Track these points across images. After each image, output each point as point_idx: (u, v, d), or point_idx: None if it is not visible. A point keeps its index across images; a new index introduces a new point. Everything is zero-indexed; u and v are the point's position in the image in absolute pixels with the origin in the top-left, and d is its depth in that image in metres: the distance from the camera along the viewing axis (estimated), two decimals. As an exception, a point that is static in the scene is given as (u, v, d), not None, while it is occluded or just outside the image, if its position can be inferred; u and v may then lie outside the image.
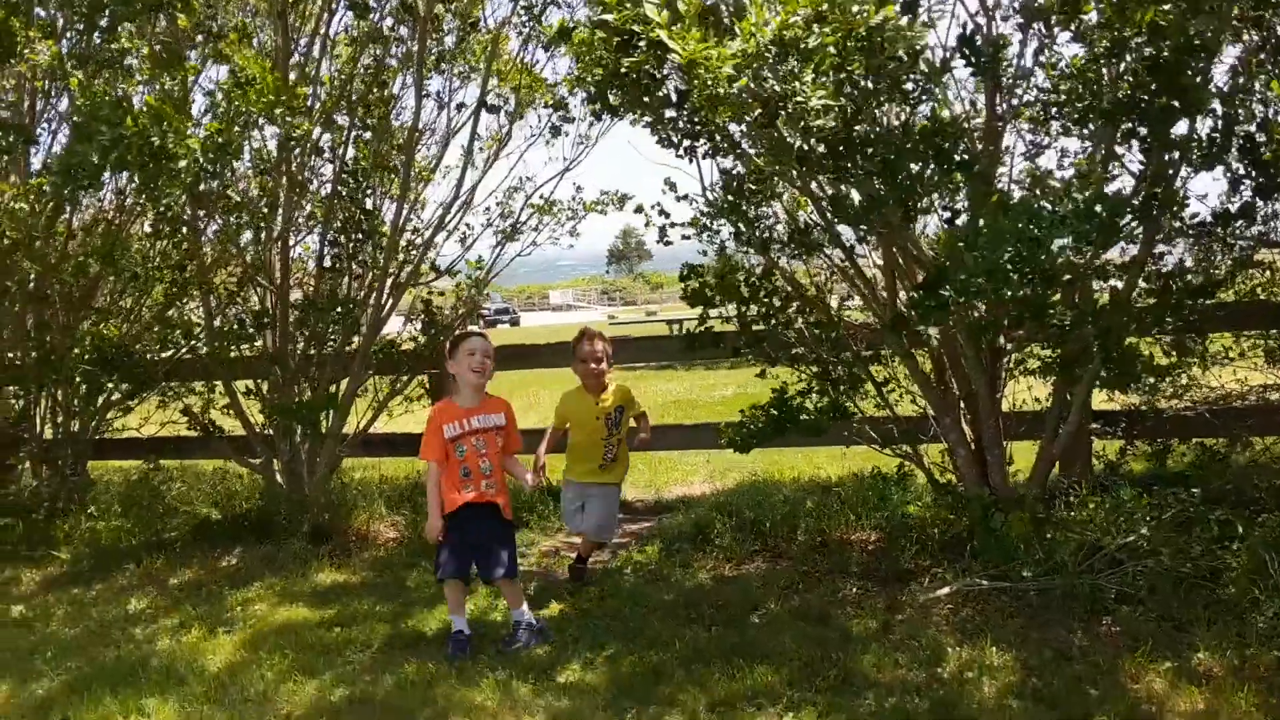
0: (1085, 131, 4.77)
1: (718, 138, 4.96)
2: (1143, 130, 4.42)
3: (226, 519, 6.66)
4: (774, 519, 5.86)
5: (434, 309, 7.07)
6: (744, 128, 4.83)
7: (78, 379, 6.49)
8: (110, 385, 6.61)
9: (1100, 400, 5.90)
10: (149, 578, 5.96)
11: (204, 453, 7.68)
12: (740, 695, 3.89)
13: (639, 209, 5.76)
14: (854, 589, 4.95)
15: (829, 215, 5.25)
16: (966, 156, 4.29)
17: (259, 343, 6.60)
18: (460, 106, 6.56)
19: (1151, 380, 4.95)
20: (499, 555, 4.65)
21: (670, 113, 4.88)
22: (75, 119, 4.89)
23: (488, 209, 7.04)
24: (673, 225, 5.79)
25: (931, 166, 4.12)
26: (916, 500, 5.97)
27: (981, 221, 3.69)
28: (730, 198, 5.21)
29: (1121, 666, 3.89)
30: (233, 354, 6.42)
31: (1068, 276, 4.23)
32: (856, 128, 4.28)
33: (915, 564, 5.14)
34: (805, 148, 4.52)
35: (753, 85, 4.18)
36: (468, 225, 6.98)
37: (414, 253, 6.73)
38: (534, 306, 69.02)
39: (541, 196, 7.13)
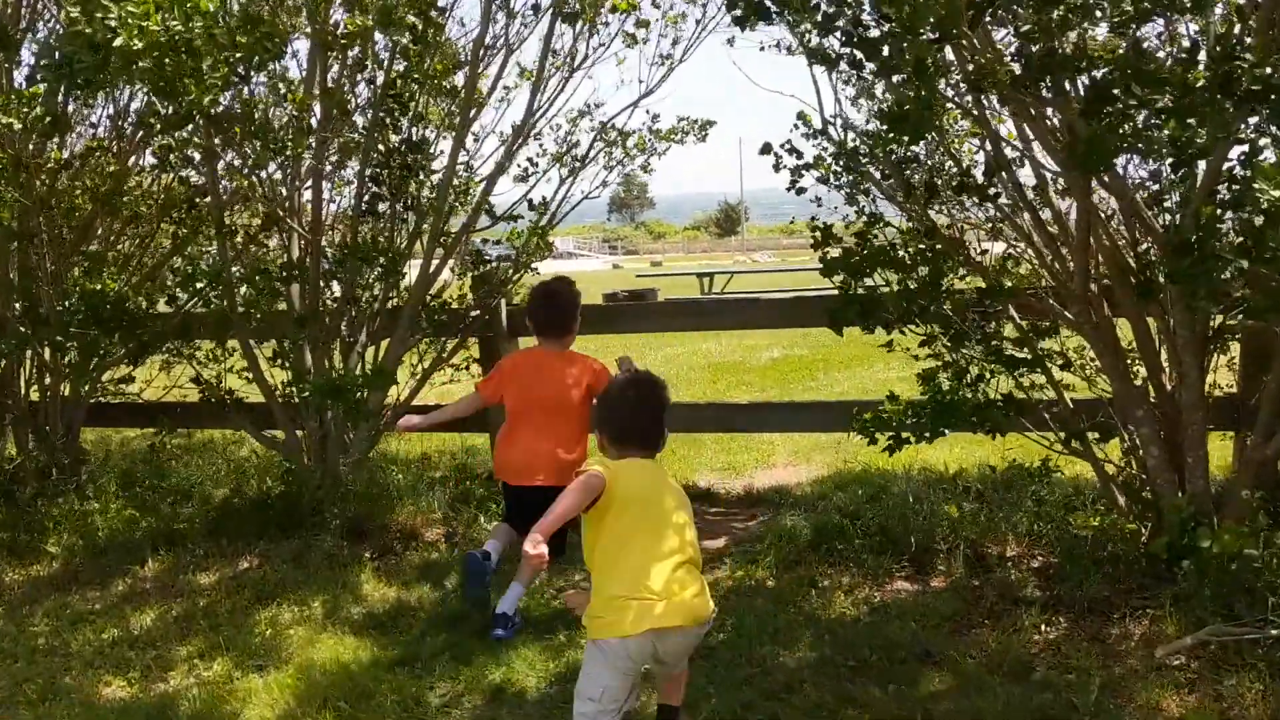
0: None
1: (888, 50, 3.87)
2: None
3: (245, 506, 5.63)
4: (912, 526, 4.85)
5: (487, 261, 6.01)
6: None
7: (66, 339, 5.42)
8: (108, 346, 5.55)
9: None
10: (156, 582, 4.94)
11: (214, 421, 6.67)
12: (954, 794, 2.91)
13: (766, 148, 4.68)
14: (1043, 626, 3.96)
15: (1002, 155, 4.23)
16: None
17: (281, 299, 5.53)
18: (535, 7, 5.38)
19: None
20: None
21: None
22: (69, 12, 3.76)
23: (552, 140, 5.95)
24: (806, 168, 4.74)
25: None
26: (1081, 505, 5.02)
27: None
28: (885, 130, 4.13)
29: None
30: (254, 310, 5.36)
31: None
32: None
33: (1102, 590, 4.16)
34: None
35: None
36: (530, 160, 5.89)
37: (473, 192, 5.67)
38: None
39: (614, 127, 6.05)
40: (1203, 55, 3.22)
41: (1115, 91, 3.15)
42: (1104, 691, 3.43)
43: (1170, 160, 3.97)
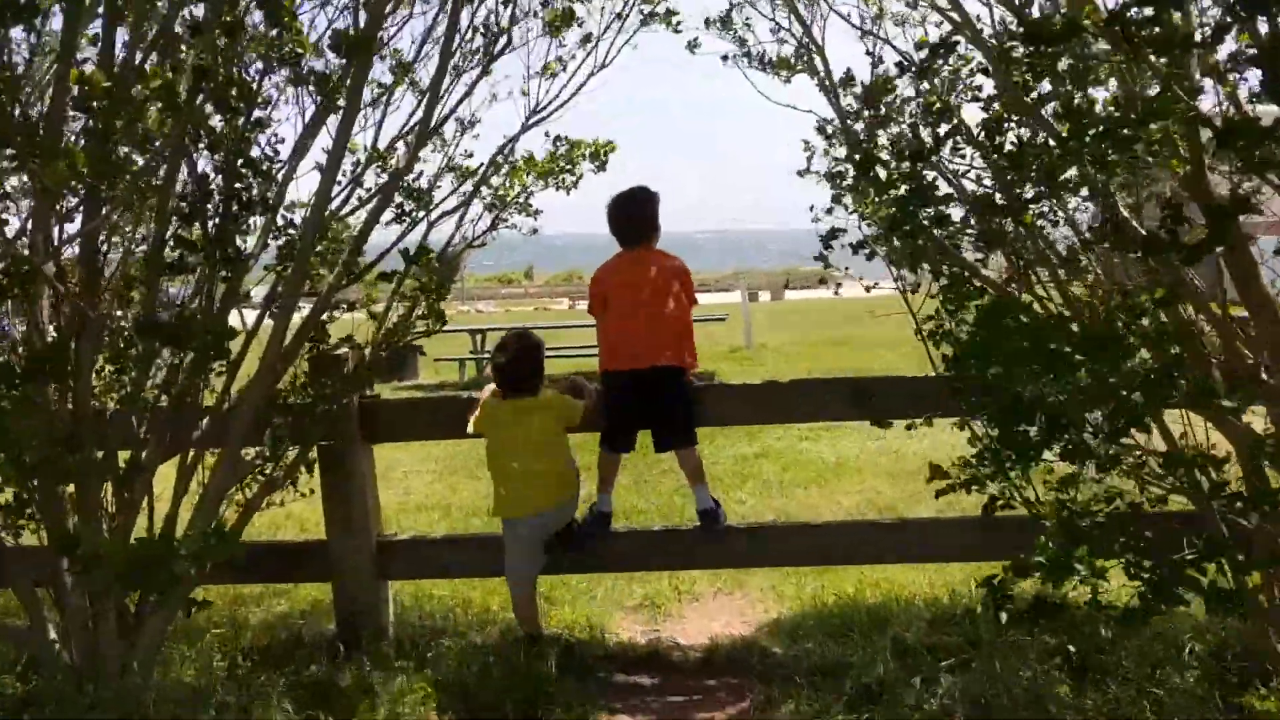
0: None
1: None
2: None
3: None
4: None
5: (325, 342, 4.13)
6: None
7: None
8: None
9: None
10: None
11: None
12: None
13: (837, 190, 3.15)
14: None
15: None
16: None
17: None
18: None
19: None
20: None
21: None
22: None
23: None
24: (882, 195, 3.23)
25: None
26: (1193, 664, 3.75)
27: None
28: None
29: None
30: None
31: None
32: None
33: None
34: None
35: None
36: (410, 191, 4.09)
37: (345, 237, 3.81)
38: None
39: (509, 154, 4.40)
40: None
41: None
42: None
43: None
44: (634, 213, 4.58)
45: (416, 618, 4.73)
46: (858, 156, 3.58)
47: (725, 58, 4.61)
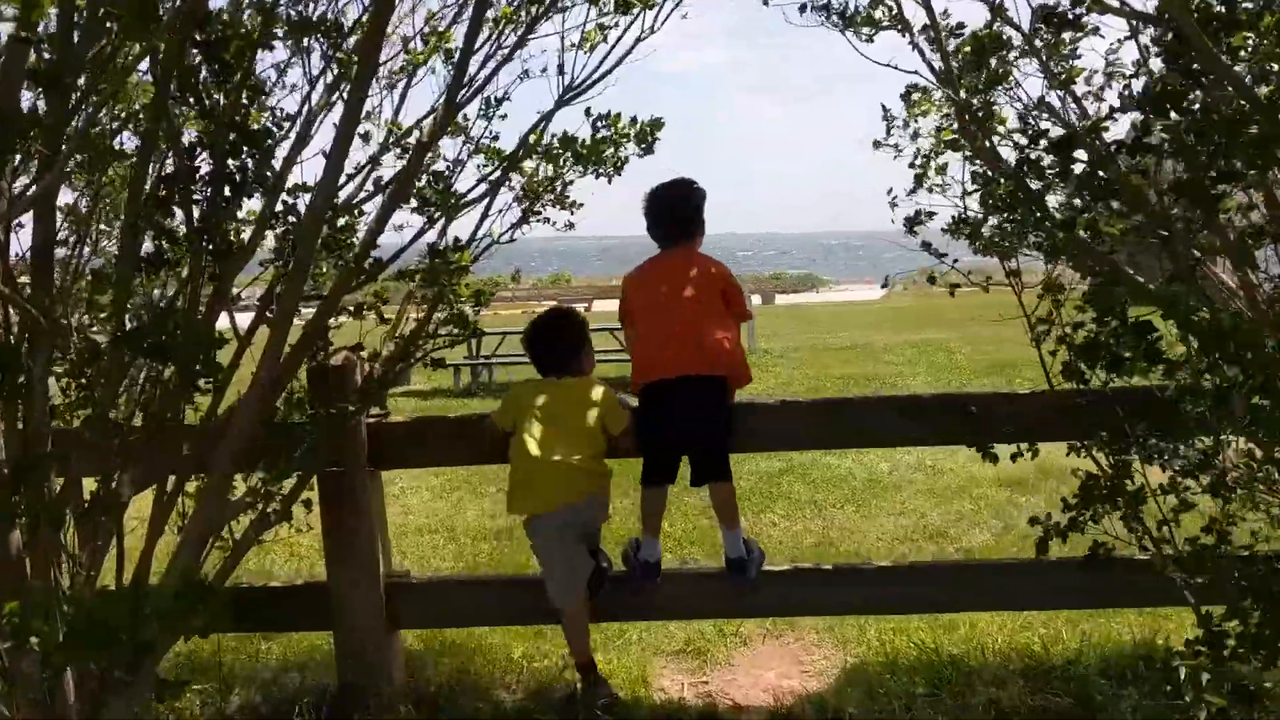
0: None
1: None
2: None
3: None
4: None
5: (328, 351, 3.52)
6: None
7: None
8: None
9: None
10: None
11: None
12: None
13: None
14: None
15: None
16: None
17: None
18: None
19: None
20: None
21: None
22: None
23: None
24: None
25: None
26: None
27: None
28: None
29: None
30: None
31: None
32: None
33: None
34: None
35: None
36: (432, 177, 3.46)
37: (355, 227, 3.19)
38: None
39: (548, 136, 3.79)
40: None
41: None
42: None
43: None
44: (675, 206, 4.02)
45: (429, 664, 4.12)
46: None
47: (802, 8, 4.05)
